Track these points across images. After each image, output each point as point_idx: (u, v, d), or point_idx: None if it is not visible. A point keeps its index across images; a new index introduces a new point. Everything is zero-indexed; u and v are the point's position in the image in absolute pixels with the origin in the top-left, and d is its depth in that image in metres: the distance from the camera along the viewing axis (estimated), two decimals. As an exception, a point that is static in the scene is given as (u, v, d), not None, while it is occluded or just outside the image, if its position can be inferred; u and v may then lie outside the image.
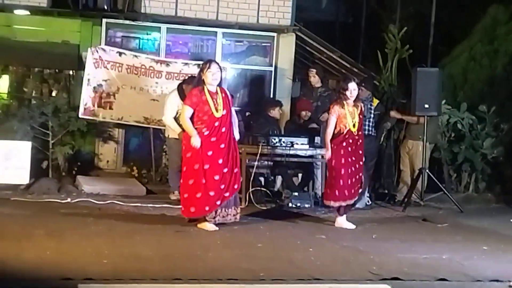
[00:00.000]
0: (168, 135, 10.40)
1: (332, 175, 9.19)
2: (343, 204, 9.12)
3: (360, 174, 9.25)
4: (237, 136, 8.92)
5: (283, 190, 10.94)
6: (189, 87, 9.24)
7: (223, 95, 8.59)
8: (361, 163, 9.25)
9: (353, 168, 9.14)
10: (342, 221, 9.14)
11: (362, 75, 13.41)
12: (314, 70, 11.94)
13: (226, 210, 8.62)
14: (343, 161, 9.09)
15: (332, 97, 11.82)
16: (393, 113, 11.57)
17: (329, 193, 9.17)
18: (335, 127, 9.12)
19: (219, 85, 8.64)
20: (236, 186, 8.65)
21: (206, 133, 8.42)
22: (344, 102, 9.14)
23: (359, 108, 9.23)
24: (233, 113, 8.98)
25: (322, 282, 6.29)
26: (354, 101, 9.20)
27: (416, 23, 15.35)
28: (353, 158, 9.14)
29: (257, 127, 11.31)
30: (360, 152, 9.24)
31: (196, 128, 8.42)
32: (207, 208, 8.43)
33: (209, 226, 8.45)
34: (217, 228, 8.45)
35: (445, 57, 13.59)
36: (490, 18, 13.43)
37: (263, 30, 12.98)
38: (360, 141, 9.24)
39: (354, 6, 17.16)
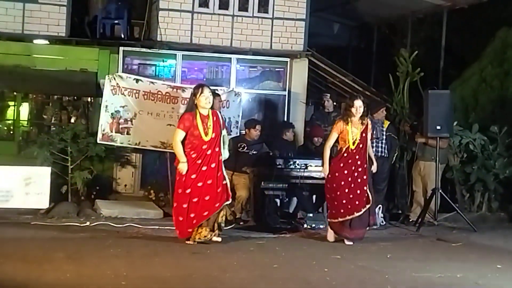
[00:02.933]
0: None
1: (331, 196, 9.30)
2: (348, 218, 9.13)
3: (365, 188, 9.24)
4: (226, 155, 9.04)
5: (298, 211, 10.92)
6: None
7: (215, 118, 8.78)
8: (364, 177, 9.25)
9: (352, 185, 9.19)
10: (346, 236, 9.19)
11: (374, 98, 13.42)
12: (329, 95, 12.00)
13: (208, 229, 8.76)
14: (340, 182, 9.19)
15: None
16: (418, 138, 11.43)
17: (332, 212, 9.30)
18: (337, 143, 9.16)
19: (211, 108, 8.83)
20: (217, 205, 8.78)
21: (193, 155, 8.66)
22: (349, 119, 9.16)
23: (365, 125, 9.25)
24: (224, 133, 9.05)
25: (338, 301, 6.27)
26: (360, 117, 9.22)
27: (427, 47, 15.37)
28: (355, 175, 9.20)
29: (273, 151, 11.32)
30: (362, 165, 9.24)
31: (185, 152, 8.66)
32: (189, 230, 8.72)
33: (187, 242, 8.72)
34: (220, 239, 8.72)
35: (456, 80, 13.56)
36: (499, 41, 13.41)
37: (277, 56, 13.04)
38: (360, 155, 9.24)
39: (366, 31, 17.20)
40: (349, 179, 9.21)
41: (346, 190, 9.19)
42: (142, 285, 6.51)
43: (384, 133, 11.29)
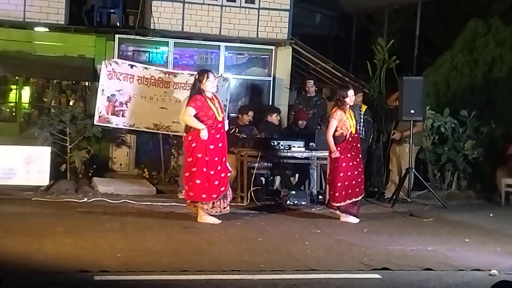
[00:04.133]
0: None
1: (335, 179, 9.17)
2: (349, 202, 9.13)
3: (361, 176, 9.27)
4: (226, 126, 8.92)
5: (281, 189, 10.92)
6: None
7: (217, 101, 8.72)
8: (361, 164, 9.34)
9: (356, 172, 9.18)
10: (350, 218, 9.17)
11: (353, 84, 13.40)
12: (312, 81, 11.99)
13: (224, 201, 8.66)
14: (345, 165, 9.12)
15: (325, 105, 11.93)
16: (396, 136, 11.37)
17: (334, 195, 9.18)
18: (337, 131, 9.13)
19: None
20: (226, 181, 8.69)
21: (212, 131, 8.50)
22: (345, 107, 9.16)
23: (352, 113, 9.29)
24: None
25: (318, 273, 6.28)
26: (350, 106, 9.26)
27: (402, 36, 15.35)
28: (357, 160, 9.22)
29: (259, 132, 11.30)
30: (359, 153, 9.30)
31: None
32: (203, 196, 8.49)
33: (210, 219, 8.51)
34: (219, 221, 8.49)
35: (429, 67, 13.56)
36: (470, 31, 13.41)
37: (262, 44, 12.99)
38: (358, 139, 9.32)
39: (346, 21, 17.14)
40: (356, 161, 9.20)
41: (356, 172, 9.17)
42: (136, 257, 6.50)
43: (362, 116, 11.30)
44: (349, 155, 9.15)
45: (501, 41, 13.02)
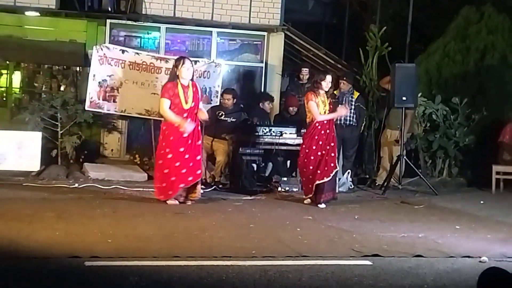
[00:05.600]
0: None
1: (305, 165, 9.30)
2: (317, 182, 9.14)
3: (332, 154, 9.24)
4: (205, 116, 9.04)
5: (273, 175, 10.92)
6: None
7: (194, 89, 8.80)
8: (332, 144, 9.26)
9: (323, 152, 9.18)
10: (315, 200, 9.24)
11: (345, 70, 13.41)
12: (307, 69, 12.00)
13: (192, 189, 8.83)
14: (311, 149, 9.21)
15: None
16: (395, 141, 11.32)
17: (307, 178, 9.32)
18: (307, 116, 9.15)
19: (191, 79, 8.82)
20: (199, 172, 8.84)
21: (176, 125, 8.64)
22: (318, 91, 9.15)
23: (329, 98, 9.29)
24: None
25: (309, 259, 6.30)
26: (327, 91, 9.21)
27: (394, 23, 15.31)
28: (325, 143, 9.21)
29: (251, 118, 11.28)
30: (331, 135, 9.25)
31: None
32: (170, 193, 8.73)
33: (169, 202, 8.71)
34: (176, 202, 8.71)
35: (421, 54, 13.54)
36: (462, 18, 13.39)
37: (255, 30, 12.93)
38: (330, 126, 9.25)
39: (338, 8, 17.09)
40: (320, 148, 9.21)
41: (319, 159, 9.19)
42: (127, 243, 6.50)
43: (353, 103, 11.30)
44: (314, 142, 9.18)
45: (493, 28, 13.02)
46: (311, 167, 9.22)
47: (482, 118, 12.23)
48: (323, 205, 9.17)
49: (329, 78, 9.21)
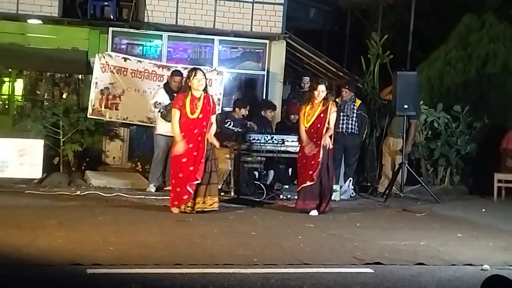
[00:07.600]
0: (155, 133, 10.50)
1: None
2: (304, 185, 9.12)
3: (312, 162, 9.12)
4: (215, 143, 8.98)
5: (275, 183, 10.93)
6: (174, 77, 10.16)
7: (205, 101, 8.74)
8: (316, 149, 9.15)
9: (304, 160, 9.21)
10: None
11: (346, 78, 13.43)
12: (308, 78, 12.04)
13: (203, 199, 8.74)
14: (298, 155, 9.38)
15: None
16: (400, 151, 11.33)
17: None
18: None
19: (205, 91, 8.79)
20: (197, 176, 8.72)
21: (185, 139, 8.64)
22: (310, 100, 9.18)
23: (326, 107, 9.21)
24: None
25: (311, 267, 6.29)
26: (322, 100, 9.20)
27: (396, 31, 15.35)
28: (309, 150, 9.18)
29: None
30: (317, 142, 9.15)
31: None
32: (175, 203, 8.71)
33: (173, 210, 8.73)
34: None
35: (422, 62, 13.57)
36: (464, 26, 13.42)
37: (256, 38, 12.97)
38: (317, 133, 9.19)
39: (340, 16, 17.14)
40: (305, 155, 9.24)
41: (304, 161, 9.22)
42: (129, 250, 6.50)
43: (355, 111, 11.30)
44: (300, 149, 9.33)
45: (494, 36, 13.04)
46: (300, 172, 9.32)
47: (483, 126, 12.23)
48: (314, 212, 9.13)
49: (321, 87, 9.21)
